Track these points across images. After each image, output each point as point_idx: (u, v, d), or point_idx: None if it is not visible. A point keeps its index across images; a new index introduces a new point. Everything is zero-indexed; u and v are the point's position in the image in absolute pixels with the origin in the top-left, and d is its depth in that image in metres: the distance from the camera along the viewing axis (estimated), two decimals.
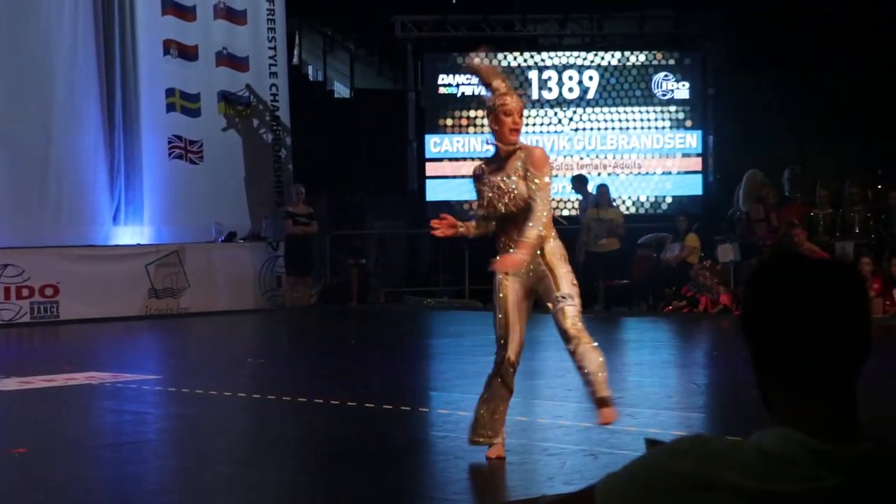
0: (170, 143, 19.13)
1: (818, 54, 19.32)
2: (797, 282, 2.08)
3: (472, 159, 20.44)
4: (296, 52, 24.18)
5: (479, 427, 6.95)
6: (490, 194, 6.96)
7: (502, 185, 6.92)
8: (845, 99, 19.15)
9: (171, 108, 19.23)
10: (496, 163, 7.05)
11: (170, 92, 19.22)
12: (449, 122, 20.65)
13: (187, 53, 19.41)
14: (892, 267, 15.72)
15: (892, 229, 16.75)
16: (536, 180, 6.85)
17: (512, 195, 6.88)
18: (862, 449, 2.03)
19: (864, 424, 2.06)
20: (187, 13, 19.42)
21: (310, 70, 25.59)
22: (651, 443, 2.17)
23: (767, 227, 17.78)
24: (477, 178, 7.12)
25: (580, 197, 19.44)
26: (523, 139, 7.27)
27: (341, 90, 25.48)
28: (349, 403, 8.96)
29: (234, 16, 19.90)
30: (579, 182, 19.05)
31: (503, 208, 6.92)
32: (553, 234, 7.07)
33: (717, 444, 2.05)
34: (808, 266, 2.11)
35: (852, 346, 2.07)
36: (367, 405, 8.91)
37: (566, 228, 19.16)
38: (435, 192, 20.62)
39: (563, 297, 7.02)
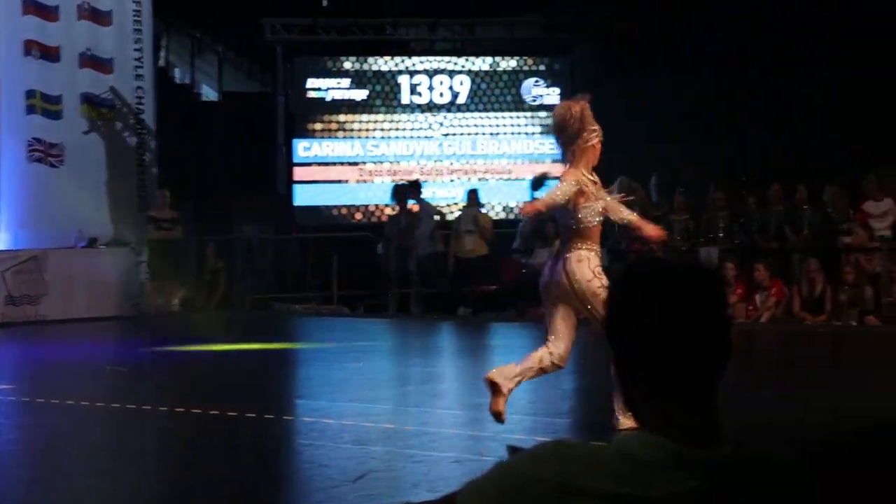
0: (29, 145, 18.64)
1: (686, 59, 19.63)
2: (660, 287, 2.10)
3: (342, 164, 20.35)
4: (162, 53, 23.79)
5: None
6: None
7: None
8: (713, 104, 19.50)
9: (31, 109, 18.74)
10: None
11: (30, 93, 18.73)
12: (318, 126, 20.50)
13: (49, 54, 18.94)
14: (755, 272, 16.02)
15: (753, 234, 17.08)
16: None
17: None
18: (723, 452, 2.05)
19: (726, 428, 2.05)
20: (49, 13, 18.94)
21: (177, 72, 25.21)
22: (513, 449, 2.15)
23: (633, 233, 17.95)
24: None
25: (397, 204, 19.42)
26: (393, 143, 7.47)
27: (209, 93, 25.15)
28: (211, 412, 8.79)
29: (99, 16, 19.47)
30: (413, 189, 18.85)
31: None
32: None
33: (580, 449, 2.05)
34: (671, 272, 2.13)
35: (714, 351, 2.10)
36: (229, 413, 8.74)
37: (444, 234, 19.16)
38: (303, 197, 20.47)
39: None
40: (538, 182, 19.20)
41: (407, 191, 18.67)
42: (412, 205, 18.77)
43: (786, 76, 18.69)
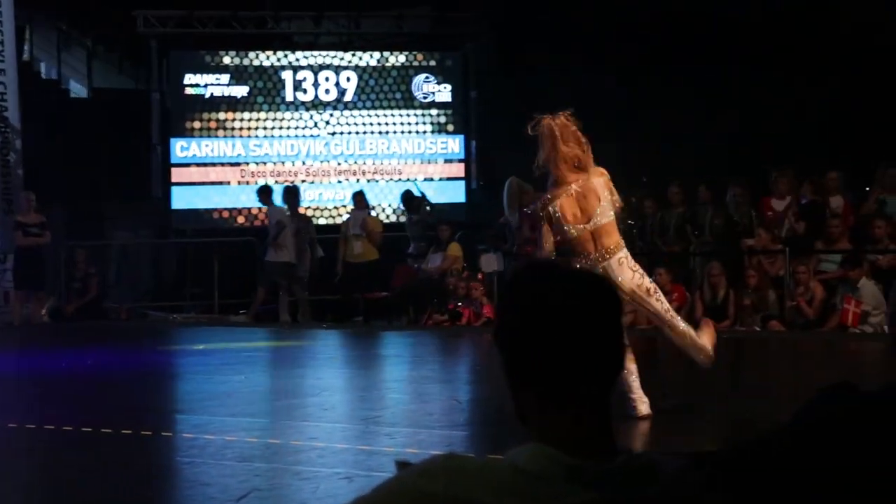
0: None
1: (583, 55, 19.84)
2: (551, 292, 2.11)
3: (222, 164, 20.20)
4: (26, 47, 23.37)
5: None
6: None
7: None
8: (612, 101, 19.72)
9: None
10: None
11: None
12: (197, 124, 20.33)
13: None
14: (655, 276, 16.21)
15: (649, 239, 17.30)
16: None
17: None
18: (615, 463, 2.06)
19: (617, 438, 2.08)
20: None
21: (42, 67, 24.79)
22: (402, 464, 2.15)
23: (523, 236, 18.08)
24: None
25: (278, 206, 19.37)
26: (277, 143, 7.55)
27: (78, 89, 24.78)
28: (84, 429, 8.66)
29: None
30: (263, 193, 18.72)
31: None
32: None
33: (470, 463, 2.06)
34: (561, 277, 2.14)
35: (605, 359, 2.12)
36: (103, 430, 8.62)
37: (328, 238, 19.12)
38: (181, 199, 20.28)
39: None
40: (408, 198, 19.29)
41: (289, 193, 18.61)
42: (301, 208, 18.74)
43: (685, 73, 18.98)
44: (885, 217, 15.62)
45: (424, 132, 20.91)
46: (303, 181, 20.27)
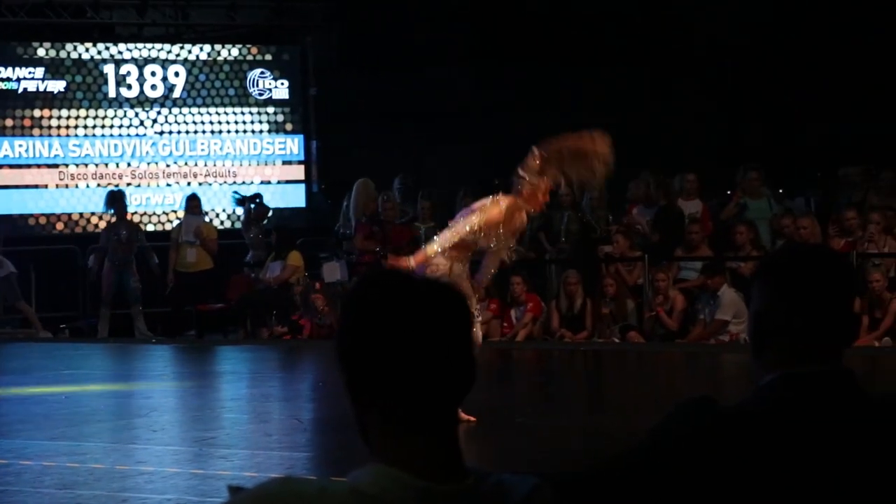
0: None
1: (434, 52, 19.96)
2: (396, 304, 2.11)
3: (38, 166, 19.83)
4: None
5: None
6: None
7: None
8: (465, 102, 19.87)
9: None
10: None
11: None
12: (9, 122, 19.92)
13: None
14: (510, 285, 16.38)
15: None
16: None
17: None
18: (464, 485, 2.08)
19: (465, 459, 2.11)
20: None
21: None
22: (235, 490, 2.15)
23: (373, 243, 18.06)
24: None
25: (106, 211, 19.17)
26: (99, 142, 7.59)
27: None
28: None
29: None
30: (113, 199, 18.59)
31: None
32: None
33: (308, 486, 2.06)
34: (408, 287, 2.14)
35: (454, 375, 2.12)
36: None
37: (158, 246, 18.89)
38: None
39: None
40: (241, 201, 19.23)
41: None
42: (128, 214, 18.52)
43: (541, 74, 19.24)
44: (746, 222, 16.01)
45: (261, 132, 20.79)
46: (128, 184, 20.00)
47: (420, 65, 20.12)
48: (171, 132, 20.49)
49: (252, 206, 18.76)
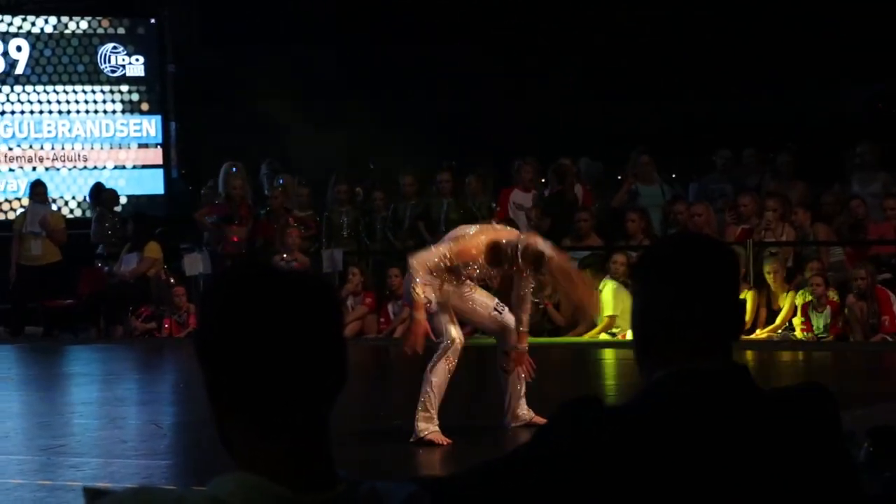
0: None
1: (302, 28, 19.89)
2: (260, 298, 2.10)
3: None
4: None
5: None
6: None
7: None
8: (334, 81, 19.83)
9: None
10: None
11: None
12: None
13: None
14: (388, 278, 16.38)
15: (379, 235, 17.45)
16: None
17: None
18: (333, 494, 2.10)
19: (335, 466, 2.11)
20: None
21: None
22: (92, 493, 2.14)
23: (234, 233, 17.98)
24: None
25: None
26: None
27: None
28: None
29: None
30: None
31: None
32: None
33: (165, 496, 2.06)
34: (272, 280, 2.13)
35: (324, 375, 2.13)
36: None
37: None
38: None
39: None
40: (98, 191, 19.03)
41: None
42: None
43: (414, 52, 19.29)
44: (638, 210, 16.18)
45: (114, 112, 20.56)
46: None
47: (286, 41, 20.05)
48: (13, 112, 20.18)
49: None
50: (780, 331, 14.89)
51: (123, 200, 20.03)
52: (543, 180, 17.65)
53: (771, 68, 19.59)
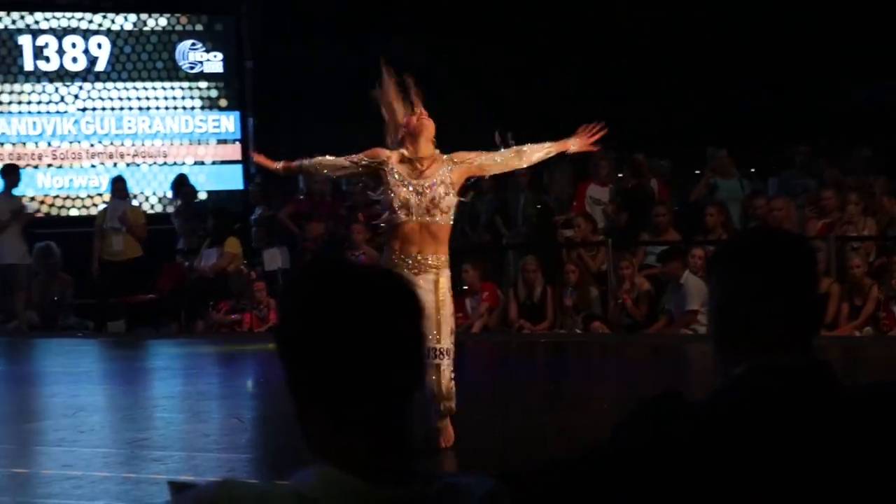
0: None
1: (379, 22, 19.92)
2: (336, 293, 2.13)
3: None
4: None
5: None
6: (409, 197, 8.13)
7: (428, 192, 8.16)
8: (413, 74, 19.81)
9: None
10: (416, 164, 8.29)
11: None
12: None
13: None
14: (463, 273, 16.40)
15: (463, 227, 17.49)
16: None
17: (434, 201, 8.12)
18: (412, 489, 2.12)
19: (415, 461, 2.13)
20: None
21: None
22: (177, 487, 2.17)
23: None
24: (383, 163, 8.36)
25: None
26: (16, 120, 7.43)
27: None
28: None
29: None
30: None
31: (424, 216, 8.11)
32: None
33: (249, 490, 2.09)
34: (351, 275, 2.16)
35: (402, 370, 2.15)
36: None
37: (80, 233, 18.81)
38: None
39: (441, 353, 8.09)
40: (180, 184, 19.16)
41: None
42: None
43: (490, 44, 19.27)
44: (716, 203, 16.09)
45: (193, 108, 20.71)
46: (49, 165, 19.91)
47: (364, 35, 20.09)
48: (94, 109, 20.39)
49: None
50: (864, 326, 14.73)
51: (203, 196, 20.17)
52: (620, 175, 17.59)
53: (848, 63, 19.42)
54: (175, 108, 20.67)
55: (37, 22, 20.27)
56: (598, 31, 18.89)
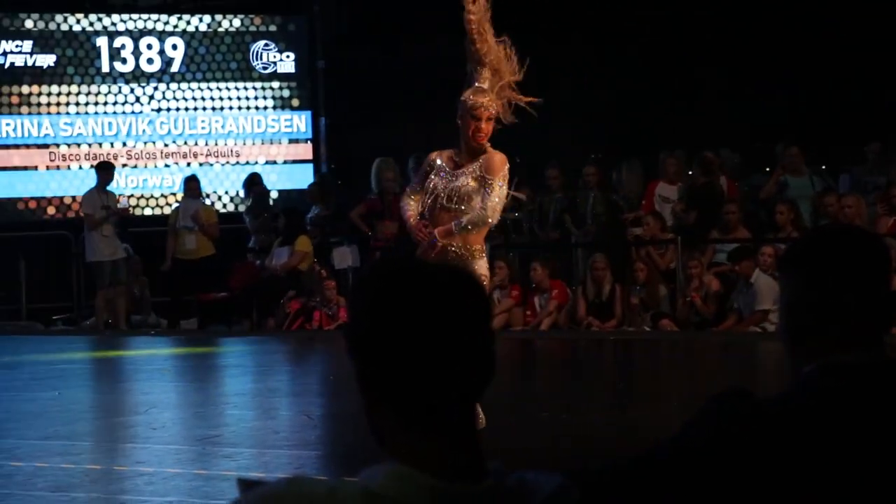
0: None
1: (448, 22, 19.92)
2: (407, 291, 2.12)
3: (28, 146, 19.88)
4: None
5: None
6: (438, 183, 8.11)
7: (453, 179, 8.08)
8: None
9: None
10: (458, 159, 8.21)
11: None
12: None
13: None
14: (531, 271, 16.38)
15: (523, 228, 17.47)
16: (489, 182, 8.03)
17: (456, 190, 8.03)
18: (482, 486, 2.09)
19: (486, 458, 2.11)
20: None
21: None
22: (246, 484, 2.16)
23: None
24: (431, 162, 8.26)
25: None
26: (93, 121, 7.45)
27: None
28: None
29: None
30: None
31: (444, 200, 8.04)
32: (483, 250, 8.21)
33: (318, 487, 2.07)
34: (421, 273, 2.15)
35: (472, 368, 2.13)
36: None
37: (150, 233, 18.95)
38: None
39: None
40: (251, 184, 19.23)
41: None
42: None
43: (562, 48, 19.22)
44: (787, 201, 15.96)
45: (265, 108, 20.80)
46: (124, 165, 20.05)
47: (434, 35, 20.10)
48: (169, 109, 20.52)
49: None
50: None
51: (274, 195, 20.25)
52: (690, 173, 17.49)
53: None
54: (248, 108, 20.77)
55: (114, 24, 20.43)
56: (665, 29, 18.79)
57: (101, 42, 20.33)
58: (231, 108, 20.69)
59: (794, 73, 18.38)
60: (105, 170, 18.33)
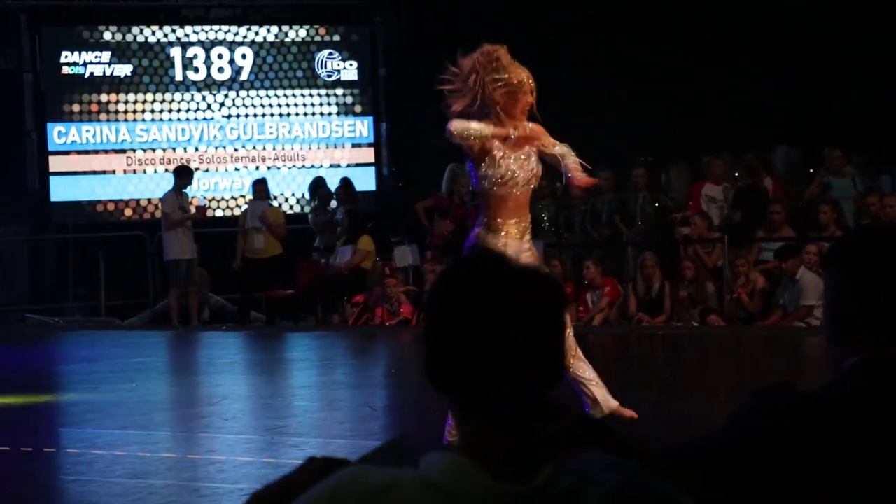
0: None
1: (505, 30, 19.86)
2: (488, 288, 2.10)
3: (106, 151, 20.05)
4: None
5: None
6: (516, 170, 8.06)
7: (526, 165, 8.08)
8: (536, 80, 19.76)
9: None
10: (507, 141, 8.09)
11: None
12: (76, 107, 20.14)
13: None
14: (584, 269, 16.36)
15: (576, 227, 17.43)
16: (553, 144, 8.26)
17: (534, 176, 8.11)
18: (537, 483, 2.07)
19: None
20: None
21: None
22: (315, 460, 2.17)
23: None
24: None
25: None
26: (166, 127, 7.49)
27: None
28: None
29: None
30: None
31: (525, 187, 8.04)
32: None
33: (378, 478, 2.07)
34: (498, 269, 2.12)
35: (541, 366, 2.10)
36: None
37: (223, 232, 19.05)
38: (61, 190, 20.08)
39: None
40: (316, 187, 19.24)
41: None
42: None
43: (612, 51, 19.14)
44: (830, 201, 15.85)
45: (330, 114, 20.88)
46: (196, 169, 20.16)
47: (492, 43, 20.04)
48: (238, 115, 20.64)
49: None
50: None
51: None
52: (736, 174, 17.40)
53: None
54: (313, 114, 20.85)
55: (186, 35, 20.56)
56: (714, 29, 18.67)
57: (175, 52, 20.46)
58: (297, 114, 20.78)
59: (841, 76, 18.18)
60: (183, 173, 18.46)
